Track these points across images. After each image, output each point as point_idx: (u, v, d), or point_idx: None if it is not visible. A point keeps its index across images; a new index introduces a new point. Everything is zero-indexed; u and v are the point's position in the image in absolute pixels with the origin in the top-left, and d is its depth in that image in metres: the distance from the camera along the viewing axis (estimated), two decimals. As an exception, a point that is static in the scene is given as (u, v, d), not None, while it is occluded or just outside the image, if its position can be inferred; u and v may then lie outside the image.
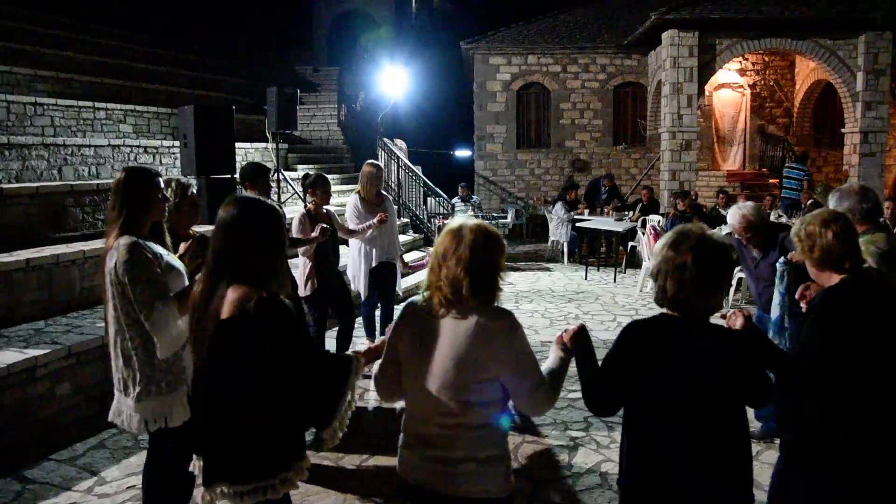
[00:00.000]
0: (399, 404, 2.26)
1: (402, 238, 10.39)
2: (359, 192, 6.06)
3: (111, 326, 2.82)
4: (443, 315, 2.05)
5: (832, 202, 3.28)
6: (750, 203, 4.46)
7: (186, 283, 2.91)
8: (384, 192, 6.26)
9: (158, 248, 2.86)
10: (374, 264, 5.94)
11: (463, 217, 2.20)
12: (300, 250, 5.10)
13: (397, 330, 2.18)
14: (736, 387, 2.06)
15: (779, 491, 2.54)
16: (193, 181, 3.80)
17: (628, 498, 2.18)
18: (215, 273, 2.15)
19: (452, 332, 2.03)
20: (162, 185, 2.96)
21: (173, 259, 2.94)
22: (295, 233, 5.24)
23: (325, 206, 5.45)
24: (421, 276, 6.87)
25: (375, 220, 5.68)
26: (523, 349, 2.07)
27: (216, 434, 2.12)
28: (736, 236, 4.38)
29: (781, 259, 3.74)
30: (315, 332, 5.11)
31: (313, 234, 4.91)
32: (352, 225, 5.86)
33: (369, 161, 6.29)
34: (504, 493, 2.09)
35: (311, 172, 6.25)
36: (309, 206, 5.42)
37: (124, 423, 2.86)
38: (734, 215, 4.32)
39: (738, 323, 2.24)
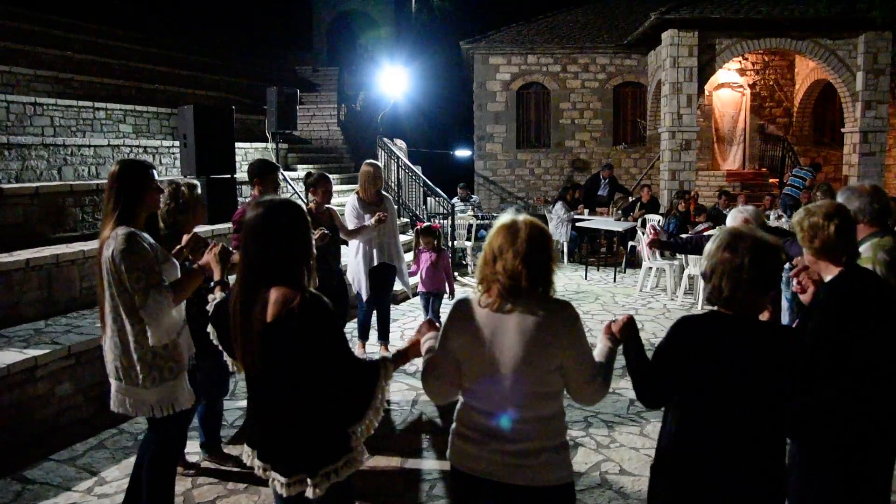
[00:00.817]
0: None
1: (402, 238, 10.38)
2: (357, 192, 6.05)
3: (108, 316, 2.87)
4: (507, 310, 2.09)
5: (840, 200, 3.21)
6: (751, 207, 4.53)
7: (179, 275, 2.98)
8: (384, 193, 6.23)
9: (153, 240, 2.92)
10: (374, 264, 5.92)
11: (511, 213, 2.23)
12: None
13: (453, 328, 2.18)
14: (780, 383, 2.10)
15: (791, 490, 2.55)
16: (196, 182, 3.85)
17: (665, 485, 2.21)
18: (252, 278, 2.21)
19: (518, 324, 2.07)
20: (156, 176, 3.01)
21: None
22: None
23: (325, 205, 5.44)
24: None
25: (373, 220, 5.67)
26: (584, 339, 2.14)
27: (280, 431, 2.22)
28: None
29: (787, 265, 3.74)
30: None
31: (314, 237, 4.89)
32: (350, 226, 5.85)
33: (367, 161, 6.26)
34: (572, 476, 2.18)
35: (312, 172, 6.24)
36: (310, 205, 5.42)
37: (129, 410, 2.92)
38: (735, 218, 4.35)
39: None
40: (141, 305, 2.74)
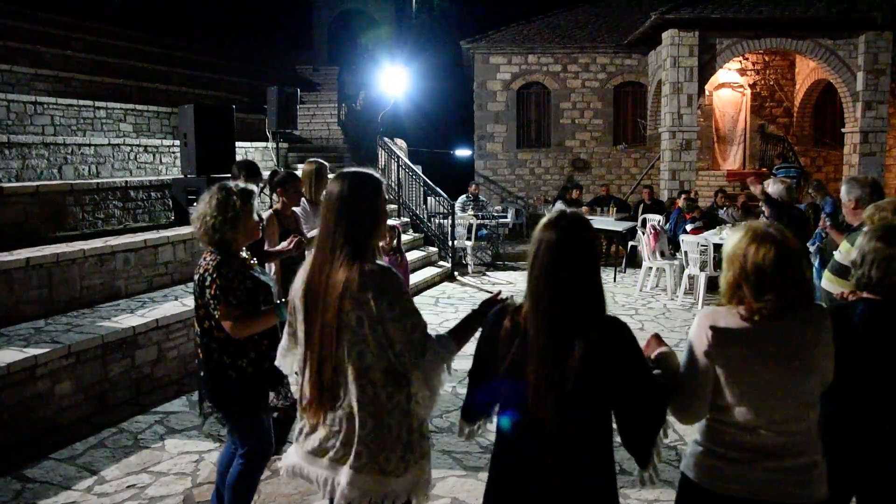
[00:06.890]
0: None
1: (405, 238, 10.36)
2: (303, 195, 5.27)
3: (348, 380, 2.09)
4: (777, 319, 2.01)
5: (844, 188, 3.58)
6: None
7: None
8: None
9: None
10: None
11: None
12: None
13: (708, 343, 2.03)
14: None
15: None
16: (254, 188, 3.09)
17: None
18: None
19: (790, 332, 2.01)
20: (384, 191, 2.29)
21: None
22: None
23: (294, 208, 4.86)
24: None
25: (310, 234, 4.70)
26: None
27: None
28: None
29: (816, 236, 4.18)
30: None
31: (283, 245, 4.23)
32: (305, 229, 5.02)
33: (311, 159, 5.53)
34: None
35: (279, 170, 5.83)
36: (276, 206, 4.81)
37: None
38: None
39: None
40: (415, 360, 2.04)
